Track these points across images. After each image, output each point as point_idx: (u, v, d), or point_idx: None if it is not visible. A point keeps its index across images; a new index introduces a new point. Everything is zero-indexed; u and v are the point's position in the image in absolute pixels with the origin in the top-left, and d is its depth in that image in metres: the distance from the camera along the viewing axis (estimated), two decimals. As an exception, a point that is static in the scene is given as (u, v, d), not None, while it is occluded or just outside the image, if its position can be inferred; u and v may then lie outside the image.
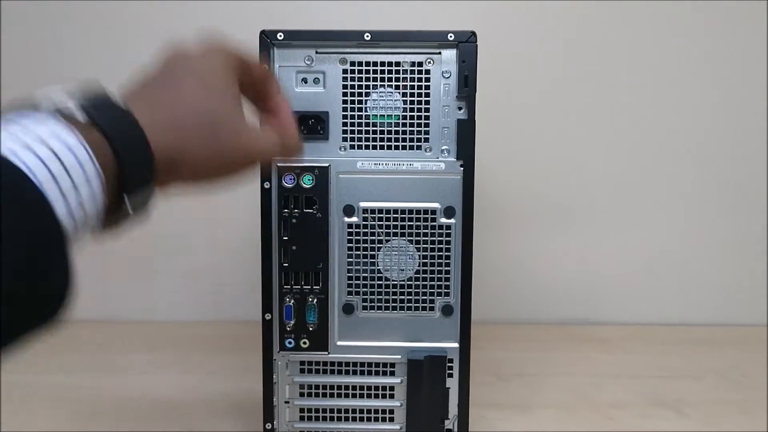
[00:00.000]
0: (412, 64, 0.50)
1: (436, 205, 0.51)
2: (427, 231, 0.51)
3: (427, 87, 0.50)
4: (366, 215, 0.51)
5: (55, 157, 0.26)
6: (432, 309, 0.52)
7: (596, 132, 0.87)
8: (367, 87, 0.50)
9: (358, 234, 0.51)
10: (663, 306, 0.90)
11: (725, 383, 0.68)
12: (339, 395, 0.53)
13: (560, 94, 0.86)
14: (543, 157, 0.87)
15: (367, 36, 0.49)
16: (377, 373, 0.53)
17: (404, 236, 0.51)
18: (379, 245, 0.51)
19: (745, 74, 0.86)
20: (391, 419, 0.53)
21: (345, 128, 0.51)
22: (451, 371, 0.52)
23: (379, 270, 0.51)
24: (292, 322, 0.52)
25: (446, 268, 0.51)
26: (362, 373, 0.53)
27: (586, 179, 0.88)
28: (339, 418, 0.53)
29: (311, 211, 0.51)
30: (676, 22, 0.85)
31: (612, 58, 0.85)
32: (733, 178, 0.88)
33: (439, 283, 0.51)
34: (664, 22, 0.85)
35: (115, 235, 0.31)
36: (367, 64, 0.50)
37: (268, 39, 0.49)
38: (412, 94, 0.50)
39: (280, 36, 0.49)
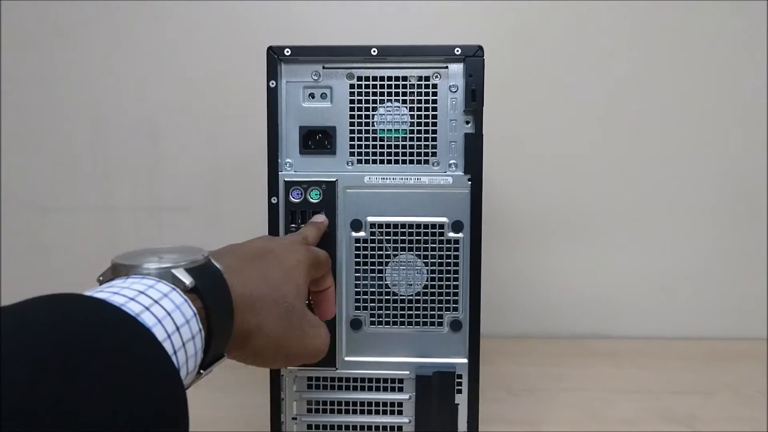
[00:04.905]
0: (419, 78, 0.50)
1: (444, 219, 0.50)
2: (435, 245, 0.51)
3: (435, 101, 0.50)
4: (373, 230, 0.51)
5: (169, 317, 0.27)
6: (440, 324, 0.51)
7: (608, 147, 0.86)
8: (374, 102, 0.50)
9: (365, 249, 0.51)
10: (675, 320, 0.89)
11: (740, 399, 0.67)
12: (347, 411, 0.53)
13: (572, 109, 0.86)
14: (553, 171, 0.87)
15: (374, 51, 0.49)
16: (385, 389, 0.52)
17: (412, 251, 0.51)
18: (387, 260, 0.51)
19: (763, 93, 0.85)
20: (400, 436, 0.53)
21: (352, 143, 0.51)
22: (460, 387, 0.52)
23: (387, 285, 0.51)
24: (300, 337, 0.52)
25: (455, 283, 0.51)
26: (370, 389, 0.52)
27: (596, 194, 0.87)
28: (347, 435, 0.53)
29: (319, 225, 0.50)
30: (703, 38, 0.85)
31: (627, 71, 0.85)
32: (746, 193, 0.87)
33: (447, 297, 0.51)
34: (691, 38, 0.85)
35: None
36: (374, 78, 0.50)
37: (275, 55, 0.49)
38: (419, 109, 0.50)
39: (287, 52, 0.50)
